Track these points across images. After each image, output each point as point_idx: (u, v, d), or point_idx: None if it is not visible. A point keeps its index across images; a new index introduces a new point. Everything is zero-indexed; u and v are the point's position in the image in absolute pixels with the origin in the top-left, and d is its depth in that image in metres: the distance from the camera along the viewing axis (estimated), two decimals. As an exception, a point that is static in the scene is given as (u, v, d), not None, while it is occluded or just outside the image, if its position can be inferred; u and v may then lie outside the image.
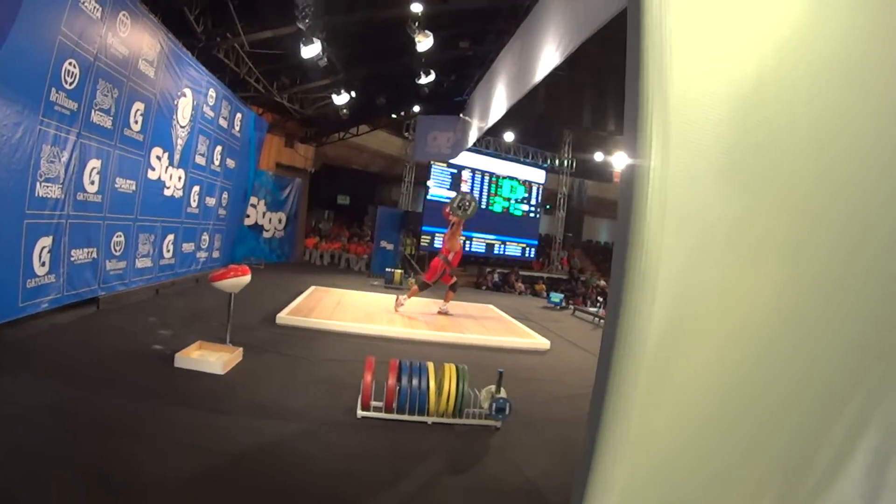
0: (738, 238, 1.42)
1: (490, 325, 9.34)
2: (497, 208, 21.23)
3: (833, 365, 1.68)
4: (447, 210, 10.15)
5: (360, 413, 4.40)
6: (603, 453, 1.38)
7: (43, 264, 5.81)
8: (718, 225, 1.38)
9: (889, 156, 1.61)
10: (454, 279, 10.16)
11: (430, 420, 4.45)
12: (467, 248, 20.34)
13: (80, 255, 6.58)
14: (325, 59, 10.90)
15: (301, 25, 9.29)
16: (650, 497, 1.44)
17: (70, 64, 5.71)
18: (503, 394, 4.46)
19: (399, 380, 4.39)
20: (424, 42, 10.62)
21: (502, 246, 21.38)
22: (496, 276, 20.35)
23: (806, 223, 1.53)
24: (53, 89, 5.52)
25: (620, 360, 1.34)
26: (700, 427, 1.48)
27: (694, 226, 1.34)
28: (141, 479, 3.05)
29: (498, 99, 10.29)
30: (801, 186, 1.49)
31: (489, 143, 20.61)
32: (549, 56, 6.95)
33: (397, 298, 9.61)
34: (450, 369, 4.49)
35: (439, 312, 9.85)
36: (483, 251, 21.06)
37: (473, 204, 9.99)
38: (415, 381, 4.40)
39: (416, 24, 10.15)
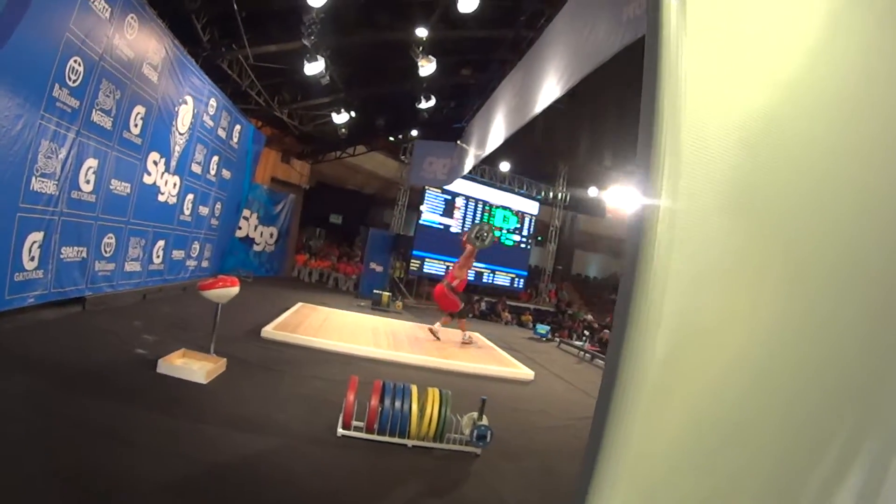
0: (741, 265, 1.45)
1: (475, 353, 9.36)
2: (489, 237, 21.22)
3: (827, 387, 1.70)
4: (465, 238, 10.20)
5: (340, 431, 4.38)
6: (601, 473, 1.35)
7: (32, 259, 5.75)
8: (724, 254, 1.42)
9: (889, 188, 1.65)
10: (462, 305, 10.20)
11: (410, 443, 4.42)
12: None
13: (69, 253, 6.53)
14: (328, 77, 11.01)
15: (306, 42, 9.39)
16: None
17: (75, 61, 5.73)
18: (485, 421, 4.50)
19: (382, 401, 4.37)
20: (427, 67, 10.75)
21: (491, 275, 21.38)
22: (483, 304, 20.31)
23: (806, 251, 1.57)
24: (57, 85, 5.53)
25: (624, 382, 1.34)
26: (697, 449, 1.49)
27: (700, 255, 1.38)
28: (117, 481, 3.00)
29: (496, 128, 10.37)
30: (802, 216, 1.54)
31: (484, 171, 20.73)
32: (550, 88, 7.03)
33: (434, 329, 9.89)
34: (433, 393, 4.49)
35: (430, 330, 9.96)
36: (472, 278, 21.00)
37: (491, 235, 10.00)
38: (397, 403, 4.37)
39: (421, 48, 10.29)
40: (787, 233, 1.51)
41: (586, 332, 16.34)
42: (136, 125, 7.52)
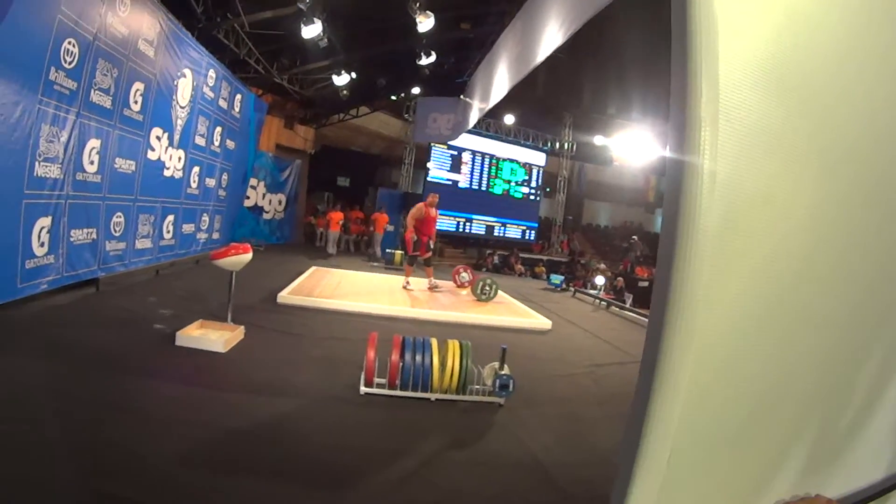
0: (774, 203, 1.41)
1: (492, 306, 9.38)
2: (497, 190, 21.29)
3: (866, 287, 1.67)
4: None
5: (362, 389, 4.40)
6: (666, 356, 1.36)
7: (42, 245, 5.81)
8: (756, 194, 1.37)
9: None
10: (429, 254, 10.38)
11: (433, 396, 4.43)
12: (468, 230, 20.64)
13: (79, 235, 6.58)
14: (326, 40, 10.81)
15: (301, 6, 9.22)
16: (693, 428, 1.44)
17: (70, 43, 5.67)
18: (506, 370, 4.47)
19: (402, 356, 4.37)
20: (425, 23, 10.53)
21: (502, 228, 21.49)
22: (496, 257, 20.37)
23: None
24: (53, 68, 5.49)
25: (672, 313, 1.32)
26: (739, 350, 1.47)
27: (734, 195, 1.33)
28: (140, 456, 3.07)
29: (499, 80, 10.19)
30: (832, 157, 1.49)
31: (489, 125, 20.57)
32: (551, 37, 6.87)
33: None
34: (453, 345, 4.48)
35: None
36: (483, 233, 21.11)
37: (494, 289, 9.89)
38: (418, 358, 4.37)
39: (418, 4, 10.07)
40: (818, 165, 1.46)
41: (598, 282, 16.33)
42: (135, 102, 7.48)
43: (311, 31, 10.06)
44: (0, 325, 5.04)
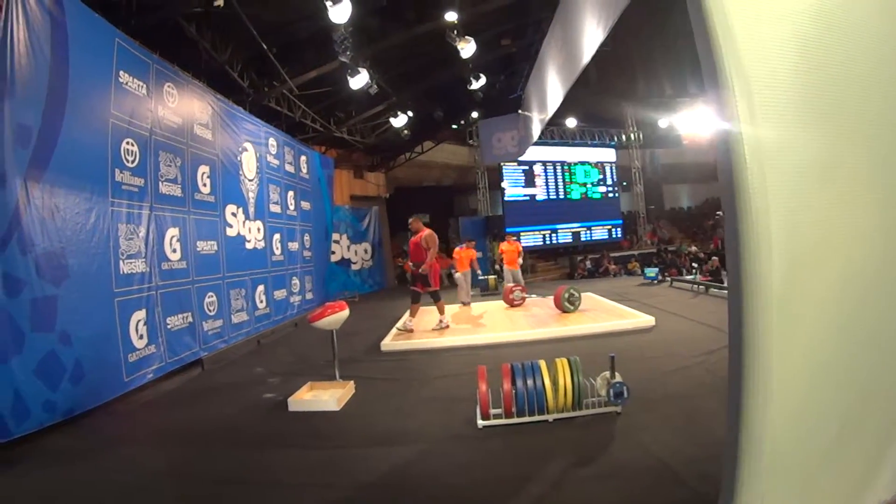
0: (834, 174, 1.45)
1: (592, 313, 9.15)
2: (575, 195, 20.93)
3: None
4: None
5: (480, 423, 4.36)
6: (749, 401, 1.44)
7: (141, 337, 6.06)
8: (813, 165, 1.42)
9: None
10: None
11: (550, 417, 4.36)
12: (555, 241, 20.44)
13: (175, 321, 6.84)
14: (375, 86, 10.99)
15: (343, 59, 9.38)
16: (792, 439, 1.46)
17: (128, 143, 5.97)
18: (618, 378, 4.39)
19: (514, 383, 4.33)
20: (467, 48, 10.56)
21: (588, 232, 21.08)
22: (588, 262, 19.96)
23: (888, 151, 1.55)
24: (117, 170, 5.79)
25: (750, 313, 1.38)
26: (826, 368, 1.50)
27: (792, 170, 1.40)
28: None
29: (552, 88, 10.18)
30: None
31: (553, 132, 20.35)
32: (592, 34, 6.84)
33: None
34: (562, 364, 4.41)
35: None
36: (571, 240, 20.77)
37: (579, 294, 9.54)
38: (529, 382, 4.33)
39: (455, 32, 10.11)
40: (868, 129, 1.48)
41: (694, 265, 15.66)
42: (204, 185, 7.79)
43: (359, 80, 10.22)
44: (115, 418, 5.26)
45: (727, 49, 1.28)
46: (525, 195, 19.97)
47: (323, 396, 5.29)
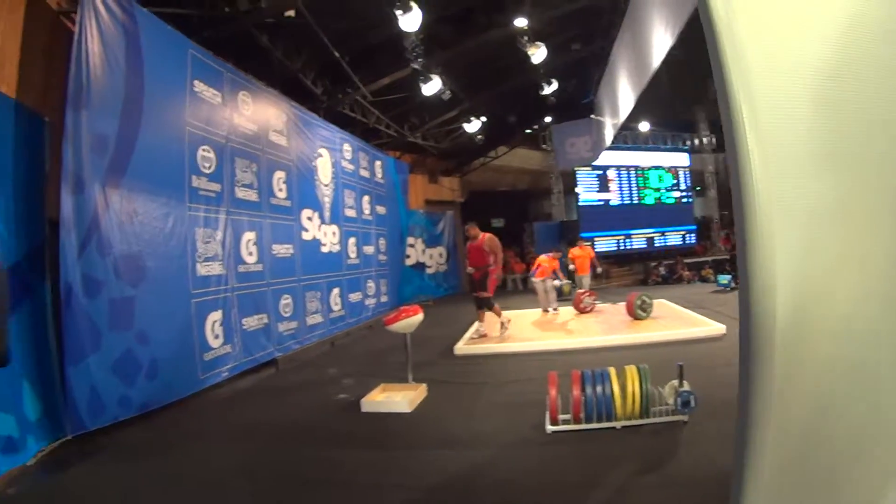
0: (845, 215, 1.48)
1: (663, 320, 9.02)
2: (649, 200, 20.39)
3: None
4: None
5: (549, 428, 4.38)
6: (753, 430, 1.61)
7: (216, 337, 6.27)
8: (823, 204, 1.46)
9: None
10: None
11: (618, 424, 4.35)
12: (629, 247, 20.20)
13: (251, 322, 7.04)
14: (448, 92, 11.03)
15: (416, 65, 9.45)
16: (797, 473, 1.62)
17: (204, 150, 6.20)
18: (686, 387, 4.34)
19: (583, 389, 4.34)
20: (538, 53, 10.51)
21: (662, 237, 20.50)
22: (662, 268, 19.39)
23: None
24: (194, 176, 6.02)
25: (756, 346, 1.47)
26: (831, 404, 1.56)
27: (802, 209, 1.43)
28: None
29: (624, 92, 10.04)
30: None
31: (626, 136, 19.87)
32: (660, 39, 6.88)
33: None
34: (631, 371, 4.41)
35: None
36: (644, 246, 20.26)
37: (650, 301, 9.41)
38: (598, 389, 4.34)
39: (526, 38, 10.05)
40: (882, 179, 1.49)
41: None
42: (280, 190, 8.00)
43: (432, 87, 10.27)
44: (190, 415, 5.46)
45: (739, 82, 1.39)
46: (599, 200, 19.63)
47: (395, 398, 5.36)
